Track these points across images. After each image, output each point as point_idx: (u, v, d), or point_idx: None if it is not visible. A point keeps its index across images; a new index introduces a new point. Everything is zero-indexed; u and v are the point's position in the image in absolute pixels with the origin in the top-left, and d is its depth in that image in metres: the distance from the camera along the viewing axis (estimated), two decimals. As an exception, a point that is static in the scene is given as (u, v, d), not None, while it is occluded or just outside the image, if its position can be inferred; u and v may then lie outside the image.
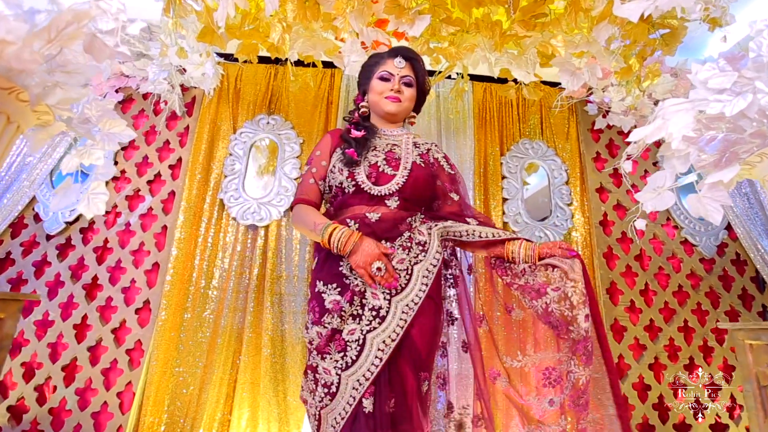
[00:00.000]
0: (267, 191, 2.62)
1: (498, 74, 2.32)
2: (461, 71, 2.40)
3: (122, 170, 2.58)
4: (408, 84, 1.40)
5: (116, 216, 2.51)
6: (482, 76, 2.88)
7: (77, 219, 2.46)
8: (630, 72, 2.16)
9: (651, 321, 2.63)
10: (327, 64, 2.55)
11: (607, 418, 1.09)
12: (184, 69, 2.34)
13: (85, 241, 2.45)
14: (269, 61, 2.70)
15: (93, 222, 2.48)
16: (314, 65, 2.32)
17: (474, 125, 2.91)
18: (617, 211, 2.83)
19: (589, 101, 2.80)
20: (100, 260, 2.43)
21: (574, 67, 2.07)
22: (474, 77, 2.86)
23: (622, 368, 2.53)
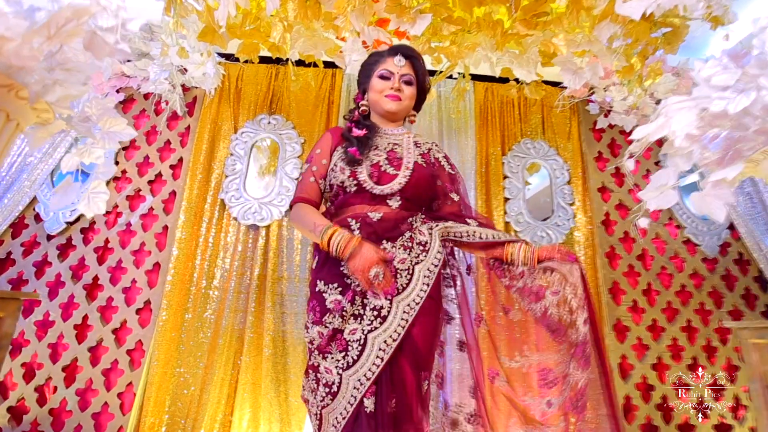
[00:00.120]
0: (268, 191, 2.62)
1: (499, 74, 2.32)
2: (462, 71, 2.40)
3: (123, 170, 2.58)
4: (408, 82, 1.39)
5: (117, 216, 2.51)
6: (484, 76, 2.88)
7: (78, 219, 2.45)
8: (632, 71, 2.15)
9: (654, 321, 2.62)
10: (328, 64, 2.55)
11: (601, 418, 1.11)
12: (185, 69, 2.34)
13: (86, 241, 2.45)
14: (270, 61, 2.70)
15: (94, 222, 2.48)
16: (315, 65, 2.32)
17: (475, 125, 2.90)
18: (619, 211, 2.82)
19: (591, 101, 2.79)
20: (101, 260, 2.43)
21: (576, 66, 2.06)
22: (475, 77, 2.85)
23: (625, 368, 2.52)
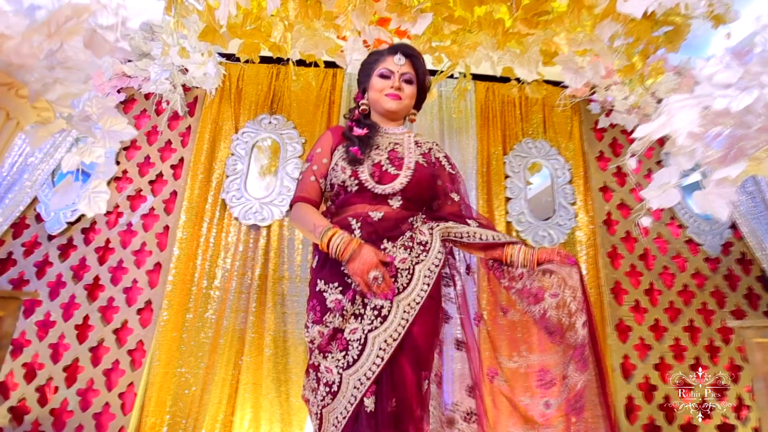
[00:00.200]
0: (269, 191, 2.62)
1: (500, 73, 2.31)
2: (464, 70, 2.39)
3: (124, 170, 2.58)
4: (408, 81, 1.38)
5: (118, 216, 2.51)
6: (484, 76, 2.87)
7: (79, 219, 2.46)
8: (633, 70, 2.14)
9: (656, 321, 2.61)
10: (329, 64, 2.54)
11: (598, 419, 1.12)
12: (186, 69, 2.34)
13: (87, 242, 2.45)
14: (271, 61, 2.70)
15: (95, 222, 2.48)
16: (316, 65, 2.31)
17: (477, 125, 2.90)
18: (621, 210, 2.81)
19: (592, 100, 2.79)
20: (102, 260, 2.43)
21: (577, 65, 2.06)
22: (476, 77, 2.85)
23: (628, 368, 2.51)
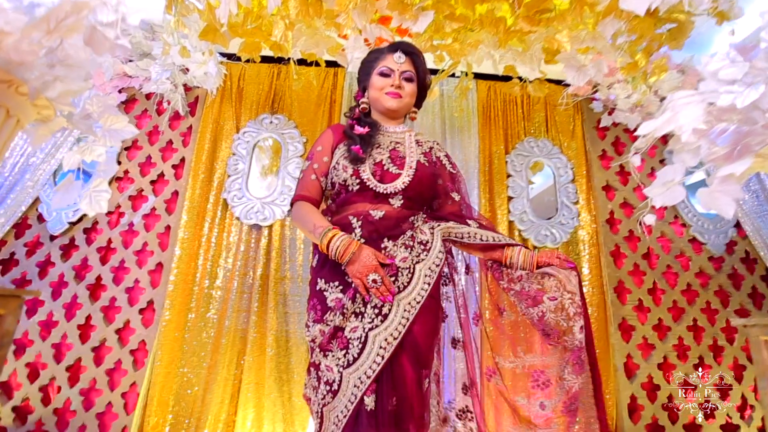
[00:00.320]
0: (270, 191, 2.61)
1: (502, 71, 2.30)
2: (465, 69, 2.39)
3: (125, 170, 2.58)
4: (408, 79, 1.37)
5: (119, 216, 2.51)
6: (486, 75, 2.87)
7: (80, 219, 2.46)
8: (636, 67, 2.13)
9: (659, 320, 2.59)
10: (330, 63, 2.54)
11: (592, 420, 1.14)
12: (187, 69, 2.34)
13: (89, 242, 2.45)
14: (272, 61, 2.70)
15: (96, 222, 2.48)
16: (317, 64, 2.31)
17: (478, 123, 2.89)
18: (624, 209, 2.80)
19: (595, 98, 2.77)
20: (104, 260, 2.43)
21: (580, 63, 2.04)
22: (478, 75, 2.84)
23: (631, 368, 2.50)
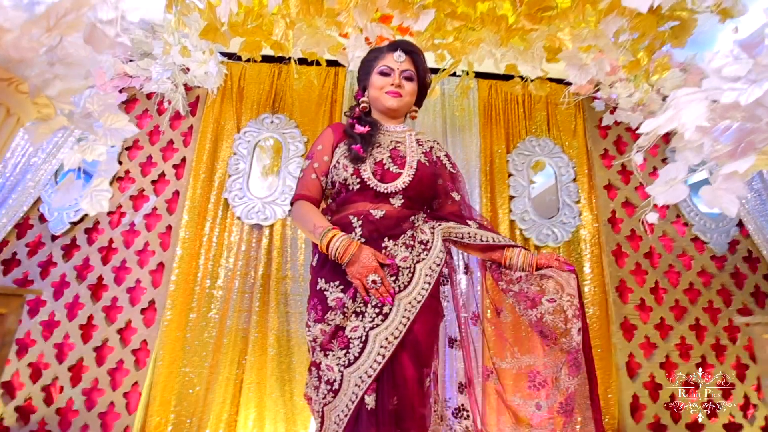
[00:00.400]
0: (271, 190, 2.61)
1: (504, 70, 2.29)
2: (466, 68, 2.38)
3: (126, 170, 2.58)
4: (408, 78, 1.37)
5: (121, 216, 2.51)
6: (487, 74, 2.86)
7: (82, 219, 2.46)
8: (638, 66, 2.12)
9: (662, 319, 2.59)
10: (331, 63, 2.53)
11: (587, 421, 1.15)
12: (188, 68, 2.34)
13: (90, 242, 2.45)
14: (273, 60, 2.69)
15: (98, 222, 2.48)
16: (318, 63, 2.30)
17: (480, 123, 2.88)
18: (626, 209, 2.79)
19: (596, 97, 2.76)
20: (105, 260, 2.43)
21: (582, 62, 2.04)
22: (479, 74, 2.83)
23: (633, 367, 2.49)
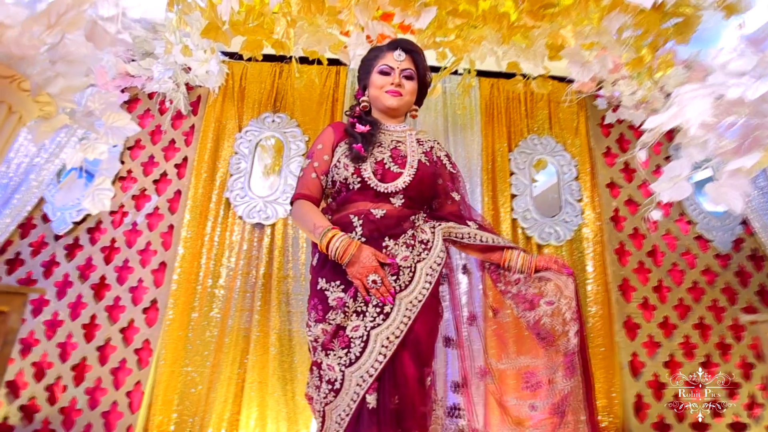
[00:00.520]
0: (273, 190, 2.61)
1: (506, 68, 2.28)
2: (468, 66, 2.37)
3: (128, 170, 2.59)
4: (409, 77, 1.36)
5: (123, 216, 2.52)
6: (489, 72, 2.85)
7: (84, 219, 2.47)
8: (642, 63, 2.10)
9: (665, 318, 2.57)
10: (332, 62, 2.53)
11: (581, 423, 1.16)
12: (189, 68, 2.33)
13: (93, 241, 2.46)
14: (274, 59, 2.69)
15: (100, 222, 2.49)
16: (319, 62, 2.30)
17: (481, 121, 2.87)
18: (629, 207, 2.78)
19: (599, 95, 2.74)
20: (108, 260, 2.44)
21: (584, 59, 2.02)
22: (481, 73, 2.82)
23: (636, 366, 2.48)
